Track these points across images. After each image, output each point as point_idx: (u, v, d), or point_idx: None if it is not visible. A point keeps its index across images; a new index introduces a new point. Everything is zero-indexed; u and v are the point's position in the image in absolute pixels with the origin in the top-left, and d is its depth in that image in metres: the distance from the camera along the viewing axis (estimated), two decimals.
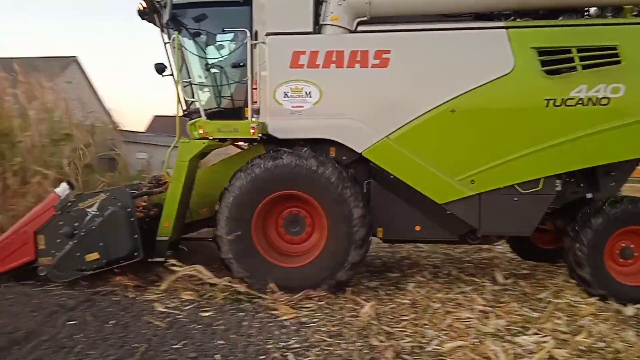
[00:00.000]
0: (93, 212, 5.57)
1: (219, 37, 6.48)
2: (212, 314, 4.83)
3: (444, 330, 4.53)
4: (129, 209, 5.57)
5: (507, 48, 5.36)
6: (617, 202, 5.45)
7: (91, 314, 4.72)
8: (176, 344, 4.11)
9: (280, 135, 5.71)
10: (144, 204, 6.34)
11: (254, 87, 5.88)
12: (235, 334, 4.35)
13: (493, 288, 5.83)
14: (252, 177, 5.37)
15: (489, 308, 5.10)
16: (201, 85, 6.50)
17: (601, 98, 5.28)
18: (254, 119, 5.81)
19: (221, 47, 6.54)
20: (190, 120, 6.39)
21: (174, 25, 6.21)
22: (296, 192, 5.42)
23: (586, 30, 5.38)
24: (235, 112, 6.24)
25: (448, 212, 5.61)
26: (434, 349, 4.14)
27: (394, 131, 5.54)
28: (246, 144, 6.60)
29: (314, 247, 5.56)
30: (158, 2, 6.18)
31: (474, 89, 5.40)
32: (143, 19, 6.49)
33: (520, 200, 5.52)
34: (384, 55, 5.52)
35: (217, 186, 5.72)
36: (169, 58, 6.60)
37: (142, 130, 27.81)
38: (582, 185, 5.82)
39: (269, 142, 5.89)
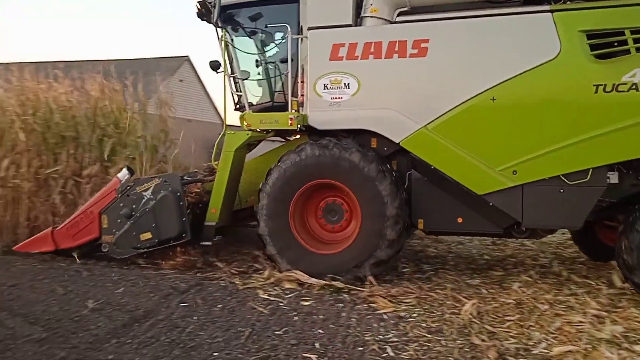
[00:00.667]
0: (148, 196, 6.14)
1: (267, 33, 6.57)
2: (312, 303, 4.94)
3: (552, 333, 4.26)
4: (178, 194, 6.04)
5: (552, 32, 5.05)
6: None
7: (201, 297, 5.04)
8: (278, 330, 4.26)
9: (319, 127, 5.80)
10: (197, 190, 6.76)
11: (301, 80, 5.98)
12: (334, 324, 4.42)
13: (609, 291, 5.37)
14: (281, 171, 5.62)
15: (604, 313, 4.71)
16: (250, 80, 6.56)
17: None
18: (293, 111, 5.94)
19: (268, 43, 6.66)
20: (241, 113, 6.55)
21: (224, 24, 6.37)
22: (327, 181, 5.60)
23: None
24: (285, 106, 6.30)
25: (490, 204, 5.40)
26: (541, 352, 3.92)
27: (432, 121, 5.43)
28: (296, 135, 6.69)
29: (350, 235, 5.67)
30: (209, 2, 6.37)
31: (515, 76, 5.17)
32: (202, 20, 6.73)
33: (566, 192, 5.17)
34: (422, 45, 5.43)
35: (264, 176, 5.86)
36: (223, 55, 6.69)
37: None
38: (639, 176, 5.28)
39: (313, 134, 5.95)
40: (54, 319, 4.39)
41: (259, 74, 6.67)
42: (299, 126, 5.76)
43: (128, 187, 6.23)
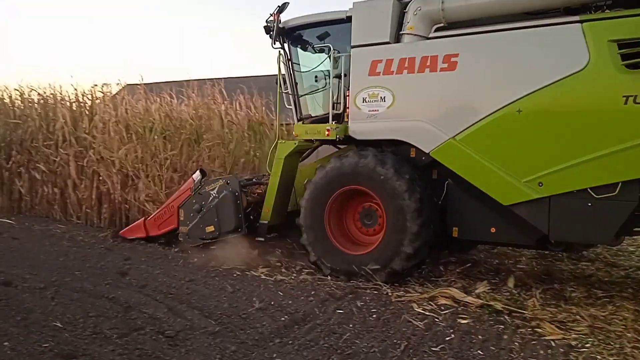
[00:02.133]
0: (213, 194, 7.10)
1: (319, 51, 6.97)
2: (470, 322, 4.74)
3: None
4: (236, 193, 6.92)
5: (581, 43, 4.96)
6: None
7: (356, 305, 5.12)
8: (434, 347, 4.16)
9: (358, 137, 6.30)
10: (259, 191, 7.52)
11: (347, 94, 6.42)
12: (495, 347, 4.18)
13: None
14: (322, 175, 6.26)
15: None
16: (302, 95, 7.27)
17: None
18: (333, 123, 6.48)
19: (321, 60, 6.96)
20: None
21: (282, 44, 7.10)
22: (357, 187, 6.05)
23: None
24: (339, 117, 6.65)
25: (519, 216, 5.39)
26: None
27: (460, 132, 5.59)
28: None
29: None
30: (267, 26, 6.97)
31: (541, 87, 5.15)
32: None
33: (594, 206, 5.00)
34: (452, 59, 5.63)
35: None
36: (287, 70, 7.30)
37: None
38: None
39: (359, 143, 6.42)
40: (225, 314, 4.78)
41: (317, 88, 7.14)
42: (337, 136, 6.32)
43: (200, 186, 7.24)
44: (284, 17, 7.02)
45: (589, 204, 5.04)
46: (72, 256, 6.86)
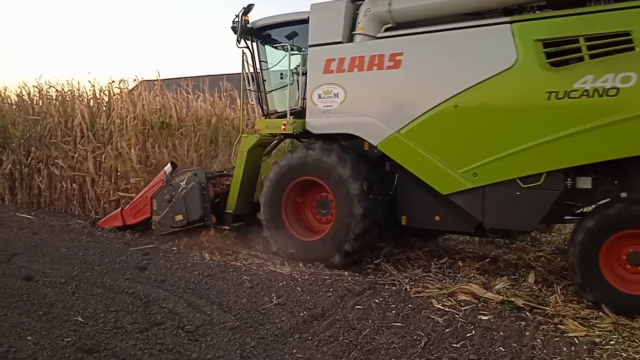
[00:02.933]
0: (182, 185, 7.45)
1: (284, 51, 7.26)
2: (491, 318, 4.70)
3: None
4: (203, 184, 7.30)
5: (510, 42, 5.29)
6: (618, 202, 4.96)
7: (375, 301, 5.09)
8: (455, 343, 4.13)
9: (314, 131, 6.66)
10: (227, 183, 7.79)
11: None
12: (517, 343, 4.14)
13: None
14: (276, 170, 6.69)
15: None
16: (270, 92, 7.63)
17: (609, 89, 4.84)
18: (291, 118, 6.92)
19: (286, 59, 7.16)
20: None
21: (246, 43, 7.41)
22: (308, 178, 6.46)
23: (596, 17, 4.96)
24: (301, 113, 6.94)
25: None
26: None
27: (403, 126, 5.94)
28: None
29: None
30: (233, 27, 7.27)
31: (475, 84, 5.48)
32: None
33: (522, 195, 5.38)
34: (397, 58, 5.96)
35: None
36: (254, 68, 7.60)
37: None
38: (616, 182, 5.22)
39: (314, 138, 6.74)
40: (244, 309, 4.79)
41: (282, 85, 7.46)
42: (295, 131, 6.78)
43: (170, 178, 7.66)
44: (253, 17, 7.31)
45: (518, 193, 5.41)
46: (91, 251, 6.91)
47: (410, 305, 5.00)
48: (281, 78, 7.46)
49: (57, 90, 11.31)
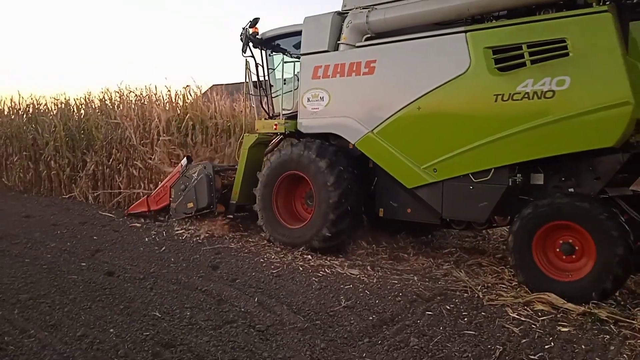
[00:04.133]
0: (194, 177, 8.49)
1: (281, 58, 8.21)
2: (571, 330, 4.44)
3: None
4: (210, 176, 8.30)
5: (465, 50, 5.77)
6: (550, 196, 5.43)
7: (446, 308, 4.96)
8: (532, 355, 3.94)
9: (304, 131, 7.40)
10: (235, 176, 8.48)
11: None
12: (600, 358, 3.90)
13: None
14: (268, 166, 7.55)
15: None
16: (276, 96, 8.33)
17: (546, 91, 5.28)
18: (282, 119, 7.78)
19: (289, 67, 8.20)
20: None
21: (252, 53, 8.25)
22: (293, 172, 7.25)
23: (536, 25, 5.43)
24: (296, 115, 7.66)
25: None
26: None
27: (376, 126, 6.56)
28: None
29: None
30: (241, 38, 8.10)
31: (435, 88, 6.02)
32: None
33: (474, 189, 5.87)
34: (372, 64, 6.58)
35: None
36: (263, 74, 8.48)
37: None
38: (563, 179, 5.69)
39: (309, 137, 7.37)
40: (313, 311, 4.82)
41: (287, 90, 8.17)
42: (286, 131, 7.64)
43: (185, 170, 8.71)
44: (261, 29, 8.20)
45: (471, 187, 5.92)
46: (166, 249, 7.21)
47: (483, 313, 4.83)
48: (284, 83, 8.19)
49: (136, 95, 11.94)
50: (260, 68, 8.36)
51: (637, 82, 4.95)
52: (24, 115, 14.40)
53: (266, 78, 8.41)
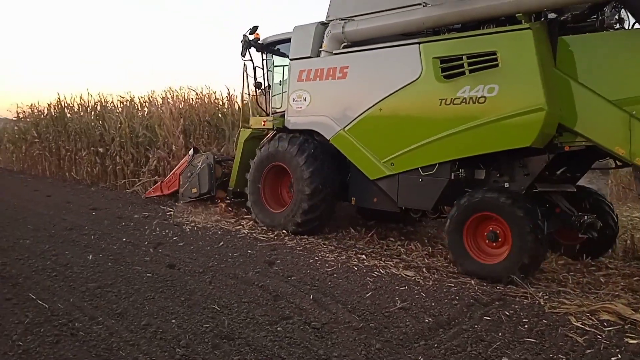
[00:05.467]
0: (199, 165, 9.76)
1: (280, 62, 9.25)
2: None
3: None
4: (211, 165, 9.62)
5: (417, 59, 6.56)
6: (479, 191, 6.21)
7: (504, 313, 4.83)
8: None
9: (290, 127, 8.33)
10: None
11: None
12: None
13: None
14: (258, 156, 8.71)
15: None
16: (274, 95, 9.30)
17: (479, 97, 6.03)
18: (270, 116, 8.96)
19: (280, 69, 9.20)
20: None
21: (249, 56, 9.24)
22: (277, 163, 8.34)
23: (474, 39, 6.18)
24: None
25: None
26: None
27: (347, 125, 7.47)
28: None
29: None
30: (242, 42, 9.07)
31: (394, 92, 6.85)
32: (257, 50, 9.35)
33: (423, 181, 6.73)
34: (345, 70, 7.47)
35: None
36: (262, 76, 9.47)
37: None
38: (499, 175, 6.48)
39: (292, 132, 8.36)
40: (368, 310, 4.81)
41: (282, 90, 9.01)
42: (275, 127, 8.65)
43: (192, 159, 10.02)
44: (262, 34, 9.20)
45: (420, 180, 6.79)
46: (224, 244, 7.39)
47: (544, 321, 4.66)
48: (280, 84, 9.11)
49: (196, 94, 12.41)
50: (258, 70, 9.39)
51: (562, 91, 5.72)
52: (92, 113, 15.16)
53: (265, 79, 9.40)
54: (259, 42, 9.10)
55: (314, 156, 7.82)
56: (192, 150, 10.45)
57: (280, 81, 9.14)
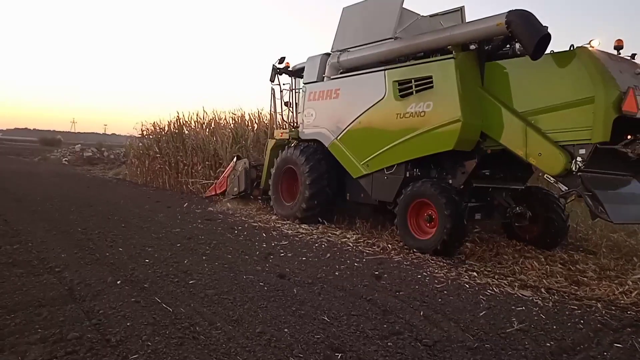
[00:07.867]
0: (239, 169, 12.69)
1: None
2: None
3: None
4: (247, 169, 12.40)
5: (383, 82, 8.73)
6: (419, 182, 8.08)
7: (638, 341, 4.39)
8: None
9: (302, 137, 10.72)
10: None
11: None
12: None
13: None
14: (278, 161, 11.12)
15: None
16: (298, 113, 11.54)
17: (421, 112, 8.04)
18: (289, 130, 11.50)
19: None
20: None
21: (279, 81, 11.91)
22: (290, 166, 10.71)
23: (419, 66, 8.26)
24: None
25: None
26: None
27: (338, 135, 9.76)
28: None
29: None
30: (272, 70, 11.55)
31: (368, 108, 9.07)
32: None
33: (387, 179, 8.84)
34: (337, 91, 9.85)
35: None
36: (289, 97, 12.10)
37: None
38: (445, 173, 8.35)
39: (304, 141, 10.78)
40: (482, 330, 4.60)
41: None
42: (291, 137, 11.08)
43: (235, 165, 12.82)
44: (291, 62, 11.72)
45: (385, 178, 8.83)
46: (331, 256, 7.48)
47: None
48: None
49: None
50: (285, 92, 11.88)
51: (486, 106, 7.42)
52: (207, 129, 16.18)
53: (292, 99, 11.80)
54: (289, 69, 11.52)
55: (313, 159, 10.08)
56: (235, 157, 13.33)
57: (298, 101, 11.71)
